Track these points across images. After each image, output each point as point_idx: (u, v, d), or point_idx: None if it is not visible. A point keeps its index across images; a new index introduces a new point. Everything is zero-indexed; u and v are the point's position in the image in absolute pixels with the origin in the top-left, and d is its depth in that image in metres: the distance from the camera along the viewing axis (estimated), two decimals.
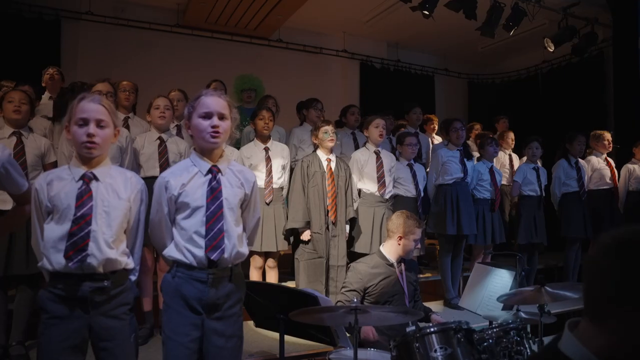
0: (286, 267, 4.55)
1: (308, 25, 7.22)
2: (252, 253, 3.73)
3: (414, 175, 4.23)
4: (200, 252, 1.88)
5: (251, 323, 2.88)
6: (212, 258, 1.88)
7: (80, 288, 1.77)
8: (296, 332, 2.57)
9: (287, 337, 2.60)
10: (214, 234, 1.89)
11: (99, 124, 1.83)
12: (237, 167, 2.06)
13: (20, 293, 2.96)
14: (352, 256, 3.82)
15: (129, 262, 1.91)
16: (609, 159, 5.08)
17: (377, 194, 3.95)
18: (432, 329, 2.02)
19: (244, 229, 2.07)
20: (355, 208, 3.87)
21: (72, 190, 1.80)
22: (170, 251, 1.95)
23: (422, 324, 2.99)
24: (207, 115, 1.92)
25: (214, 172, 1.95)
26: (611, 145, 5.04)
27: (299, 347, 3.08)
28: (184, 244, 1.90)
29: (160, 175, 1.99)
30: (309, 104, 4.67)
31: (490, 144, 4.56)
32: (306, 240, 3.63)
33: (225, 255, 1.91)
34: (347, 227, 3.78)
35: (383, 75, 7.88)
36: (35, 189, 1.82)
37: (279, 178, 3.79)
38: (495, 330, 2.15)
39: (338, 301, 2.97)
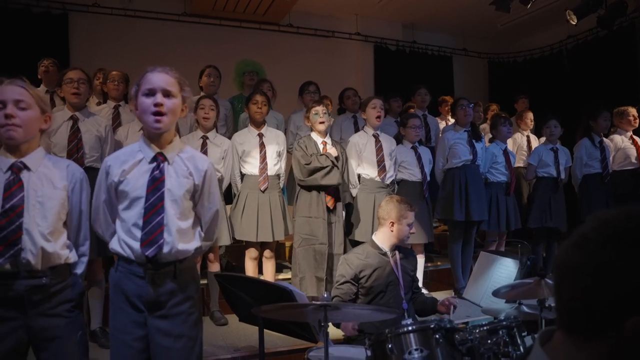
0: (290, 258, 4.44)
1: (319, 9, 6.99)
2: (247, 244, 3.62)
3: (419, 159, 4.00)
4: (138, 246, 1.75)
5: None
6: (146, 254, 1.74)
7: (15, 287, 1.65)
8: (276, 328, 2.44)
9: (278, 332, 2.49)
10: (151, 228, 1.74)
11: (18, 104, 1.69)
12: (188, 154, 1.89)
13: None
14: (353, 245, 3.67)
15: (71, 256, 1.80)
16: (634, 137, 4.71)
17: (377, 179, 3.76)
18: (408, 328, 1.84)
19: (200, 224, 1.93)
20: (354, 194, 3.71)
21: None
22: (113, 243, 1.82)
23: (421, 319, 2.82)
24: (150, 92, 1.75)
25: (158, 160, 1.79)
26: (637, 121, 4.66)
27: (290, 342, 2.94)
28: (123, 237, 1.78)
29: (104, 160, 1.87)
30: (302, 89, 4.50)
31: (504, 124, 4.29)
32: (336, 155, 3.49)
33: (164, 251, 1.76)
34: (344, 213, 3.63)
35: (399, 57, 7.58)
36: None
37: (275, 165, 3.64)
38: (480, 329, 1.94)
39: (335, 296, 2.81)
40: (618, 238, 0.69)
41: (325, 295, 1.90)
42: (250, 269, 3.59)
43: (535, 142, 5.26)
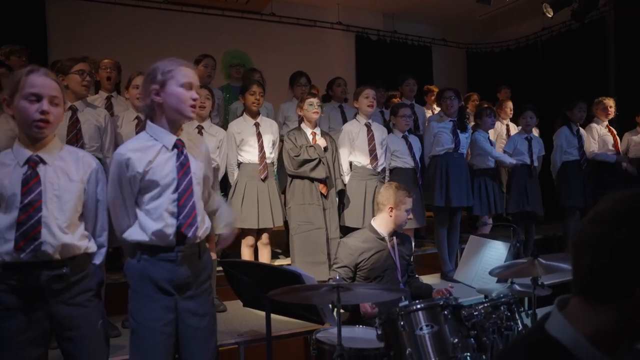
0: (280, 245, 4.51)
1: None
2: (243, 231, 3.67)
3: (410, 147, 4.14)
4: (170, 231, 1.81)
5: (239, 302, 2.82)
6: (189, 235, 1.82)
7: (36, 277, 1.68)
8: (283, 311, 2.51)
9: (277, 316, 2.56)
10: (187, 212, 1.83)
11: (53, 101, 1.71)
12: (192, 140, 1.99)
13: None
14: (344, 230, 3.77)
15: (90, 246, 1.83)
16: (610, 126, 4.97)
17: (368, 167, 3.87)
18: (418, 306, 1.95)
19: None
20: (346, 181, 3.82)
21: (16, 177, 1.68)
22: (133, 234, 1.85)
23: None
24: (188, 86, 1.84)
25: (179, 146, 1.86)
26: (612, 110, 4.92)
27: (290, 326, 3.03)
28: (151, 225, 1.81)
29: (118, 152, 1.84)
30: (293, 80, 4.56)
31: (489, 115, 4.46)
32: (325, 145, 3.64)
33: (199, 232, 1.87)
34: (337, 199, 3.76)
35: (379, 47, 7.67)
36: None
37: (271, 154, 3.73)
38: (485, 305, 2.07)
39: (330, 278, 2.90)
40: (630, 216, 0.80)
41: (338, 277, 1.97)
42: (247, 256, 3.65)
43: (514, 130, 5.46)
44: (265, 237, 3.70)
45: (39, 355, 1.74)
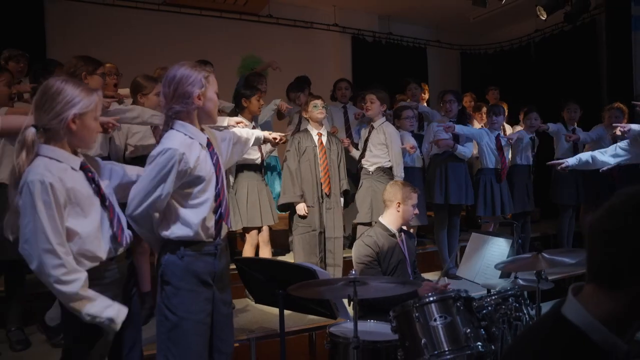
0: (281, 244, 4.58)
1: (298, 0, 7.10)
2: (249, 229, 3.73)
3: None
4: (212, 224, 1.92)
5: (247, 300, 2.87)
6: (228, 226, 1.99)
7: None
8: (296, 307, 2.56)
9: (287, 313, 2.62)
10: (225, 205, 1.96)
11: None
12: (210, 132, 2.09)
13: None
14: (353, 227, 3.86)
15: None
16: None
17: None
18: (431, 298, 2.03)
19: None
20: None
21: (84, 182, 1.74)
22: (176, 230, 1.88)
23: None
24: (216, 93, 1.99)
25: (210, 144, 1.97)
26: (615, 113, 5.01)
27: (300, 322, 3.10)
28: (197, 219, 1.88)
29: (171, 148, 1.79)
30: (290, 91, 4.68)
31: (497, 114, 4.54)
32: (302, 214, 3.65)
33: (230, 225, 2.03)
34: (342, 200, 3.84)
35: (375, 48, 7.77)
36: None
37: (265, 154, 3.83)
38: (493, 297, 2.16)
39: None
40: (638, 210, 0.87)
41: (353, 272, 2.04)
42: (248, 253, 3.71)
43: (509, 130, 5.57)
44: (266, 233, 3.78)
45: None
